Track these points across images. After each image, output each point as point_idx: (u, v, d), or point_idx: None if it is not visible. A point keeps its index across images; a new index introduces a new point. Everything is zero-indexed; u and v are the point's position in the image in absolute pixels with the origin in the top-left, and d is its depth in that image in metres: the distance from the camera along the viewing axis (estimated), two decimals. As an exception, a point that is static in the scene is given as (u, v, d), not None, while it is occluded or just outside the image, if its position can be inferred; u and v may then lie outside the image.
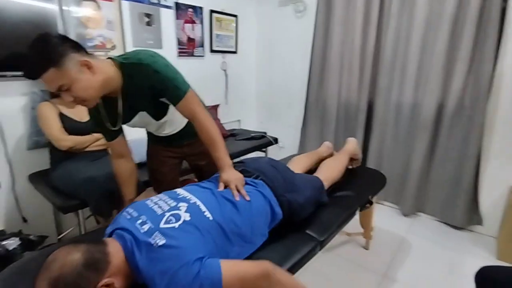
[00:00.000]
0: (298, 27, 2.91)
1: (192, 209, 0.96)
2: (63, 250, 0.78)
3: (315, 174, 1.50)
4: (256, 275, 0.84)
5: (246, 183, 1.16)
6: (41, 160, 1.83)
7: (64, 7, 1.80)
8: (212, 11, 2.74)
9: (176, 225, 0.89)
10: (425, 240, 2.10)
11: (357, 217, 1.92)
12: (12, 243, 1.44)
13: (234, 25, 3.00)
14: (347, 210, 1.43)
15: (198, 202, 0.99)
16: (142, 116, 1.21)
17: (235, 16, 2.97)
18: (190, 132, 1.36)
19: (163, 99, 1.16)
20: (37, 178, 1.77)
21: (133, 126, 1.26)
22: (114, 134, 1.24)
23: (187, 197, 1.01)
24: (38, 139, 1.81)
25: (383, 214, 2.42)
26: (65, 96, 0.97)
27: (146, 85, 1.08)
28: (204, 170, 1.50)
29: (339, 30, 2.50)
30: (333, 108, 2.67)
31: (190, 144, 1.44)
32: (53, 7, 1.75)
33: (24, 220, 1.86)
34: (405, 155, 2.38)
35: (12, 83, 1.72)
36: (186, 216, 0.92)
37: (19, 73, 1.68)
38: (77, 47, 0.97)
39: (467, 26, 1.92)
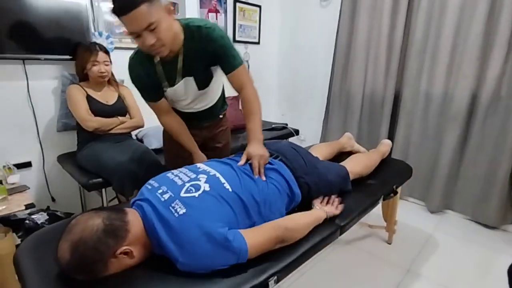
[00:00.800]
0: (323, 16, 2.84)
1: (212, 180, 0.95)
2: (85, 216, 0.79)
3: (341, 164, 1.46)
4: (275, 239, 0.91)
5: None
6: (69, 142, 1.90)
7: (95, 3, 1.89)
8: (236, 1, 2.74)
9: (196, 194, 0.88)
10: (453, 238, 1.98)
11: (380, 210, 1.86)
12: (40, 218, 1.51)
13: (258, 15, 2.98)
14: (370, 197, 1.37)
15: (218, 174, 0.98)
16: (187, 82, 1.21)
17: (258, 6, 2.96)
18: (213, 113, 1.42)
19: (214, 68, 1.21)
20: (65, 159, 1.84)
21: (170, 95, 1.26)
22: (161, 94, 1.26)
23: (207, 170, 1.01)
24: (67, 121, 1.88)
25: (408, 210, 2.32)
26: (148, 37, 0.96)
27: (206, 48, 1.11)
28: (222, 154, 1.50)
29: (366, 17, 2.42)
30: (357, 99, 2.58)
31: (209, 127, 1.47)
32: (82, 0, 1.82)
33: (53, 199, 1.95)
34: (433, 148, 2.26)
35: (45, 67, 1.80)
36: (206, 187, 0.92)
37: (52, 56, 1.77)
38: None
39: (506, 7, 1.78)
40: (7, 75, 1.68)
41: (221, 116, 1.51)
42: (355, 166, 1.47)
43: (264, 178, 1.06)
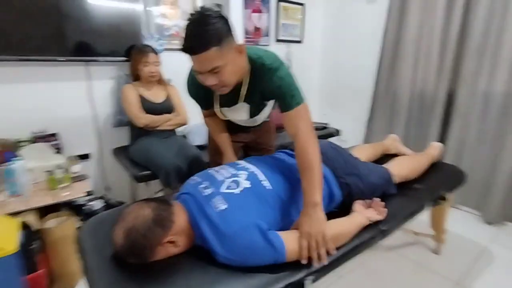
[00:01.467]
0: (369, 13, 2.73)
1: (252, 177, 0.98)
2: (137, 205, 0.86)
3: (384, 166, 1.39)
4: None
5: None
6: (123, 137, 2.07)
7: (147, 8, 2.03)
8: (279, 0, 2.74)
9: (237, 191, 0.92)
10: (513, 252, 1.79)
11: (427, 218, 1.75)
12: (96, 204, 1.67)
13: (300, 13, 2.96)
14: (415, 202, 1.30)
15: (257, 172, 1.01)
16: (241, 106, 1.19)
17: (302, 4, 2.93)
18: (259, 124, 1.45)
19: (270, 101, 1.25)
20: (119, 152, 2.01)
21: (222, 110, 1.26)
22: (207, 105, 1.28)
23: (246, 167, 1.04)
24: (121, 117, 2.05)
25: (461, 220, 2.14)
26: (209, 79, 0.93)
27: (265, 87, 1.05)
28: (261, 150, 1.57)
29: (417, 12, 2.27)
30: (405, 99, 2.44)
31: (255, 131, 1.50)
32: (139, 6, 1.97)
33: (108, 188, 2.14)
34: (492, 154, 2.05)
35: (104, 68, 1.98)
36: (246, 184, 0.94)
37: (110, 58, 1.94)
38: (231, 29, 0.93)
39: None
40: (72, 76, 1.89)
41: (267, 119, 1.52)
42: (400, 168, 1.39)
43: (321, 262, 0.86)
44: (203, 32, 0.85)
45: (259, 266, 0.82)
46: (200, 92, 1.17)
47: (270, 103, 1.30)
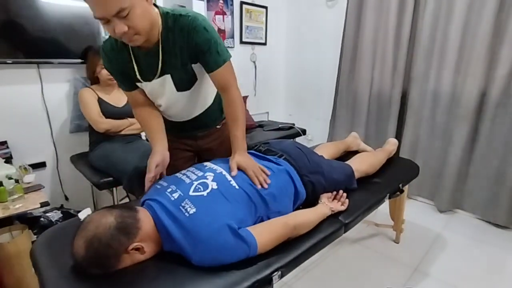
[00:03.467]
0: (329, 16, 2.85)
1: (219, 178, 0.98)
2: (99, 214, 0.83)
3: (347, 162, 1.47)
4: (283, 237, 0.95)
5: (270, 161, 1.17)
6: (82, 143, 1.96)
7: None
8: (242, 3, 2.77)
9: (205, 193, 0.92)
10: (463, 237, 1.96)
11: (387, 210, 1.86)
12: (54, 215, 1.57)
13: (264, 16, 3.01)
14: (375, 195, 1.38)
15: (224, 172, 1.01)
16: (165, 81, 1.07)
17: (265, 7, 2.98)
18: (206, 122, 1.28)
19: (196, 66, 1.06)
20: (77, 159, 1.90)
21: (147, 91, 1.12)
22: (135, 84, 1.11)
23: (214, 168, 1.04)
24: (79, 123, 1.95)
25: (417, 210, 2.30)
26: (118, 25, 0.83)
27: (188, 41, 0.97)
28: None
29: (372, 16, 2.41)
30: (365, 99, 2.58)
31: (204, 137, 1.32)
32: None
33: (66, 198, 2.02)
34: (442, 147, 2.24)
35: (58, 70, 1.87)
36: (213, 185, 0.95)
37: (65, 60, 1.83)
38: None
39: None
40: (22, 79, 1.75)
41: (218, 126, 1.33)
42: (361, 164, 1.48)
43: (266, 186, 1.03)
44: None
45: (226, 265, 0.83)
46: (118, 62, 1.04)
47: (205, 77, 1.12)
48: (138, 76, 1.05)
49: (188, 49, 1.00)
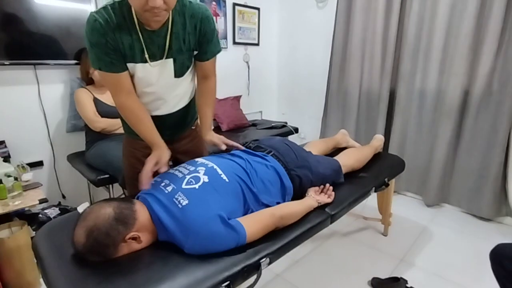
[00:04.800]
0: (320, 17, 2.92)
1: (210, 172, 1.04)
2: (98, 205, 0.89)
3: (335, 158, 1.54)
4: (271, 227, 1.01)
5: (258, 156, 1.23)
6: (78, 142, 2.01)
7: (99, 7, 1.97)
8: (235, 4, 2.83)
9: (196, 186, 0.97)
10: (449, 230, 2.04)
11: (376, 204, 1.94)
12: (52, 212, 1.62)
13: (257, 17, 3.07)
14: (361, 189, 1.45)
15: (215, 166, 1.07)
16: (165, 65, 1.06)
17: (257, 8, 3.04)
18: (184, 120, 1.28)
19: (195, 53, 1.10)
20: (74, 158, 1.95)
21: (138, 76, 1.05)
22: (126, 66, 1.02)
23: (205, 163, 1.09)
24: (75, 122, 1.99)
25: (405, 205, 2.38)
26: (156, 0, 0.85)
27: (199, 28, 1.04)
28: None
29: (360, 17, 2.49)
30: (355, 97, 2.65)
31: (180, 140, 1.30)
32: (90, 7, 1.93)
33: (63, 196, 2.06)
34: (428, 144, 2.32)
35: (54, 71, 1.91)
36: (205, 178, 1.00)
37: (61, 61, 1.88)
38: None
39: (495, 5, 1.84)
40: (20, 79, 1.80)
41: (193, 127, 1.35)
42: (348, 159, 1.55)
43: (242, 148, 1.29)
44: None
45: (217, 253, 0.88)
46: (115, 37, 0.95)
47: (192, 65, 1.15)
48: (146, 56, 1.00)
49: (196, 36, 1.05)
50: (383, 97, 2.48)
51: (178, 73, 1.10)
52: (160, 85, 1.10)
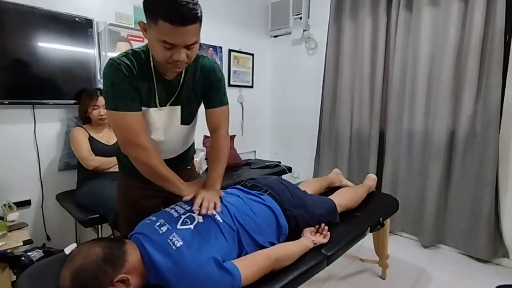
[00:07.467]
0: (310, 63, 3.10)
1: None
2: (87, 245, 0.86)
3: (330, 197, 1.54)
4: (266, 269, 0.98)
5: (254, 195, 1.23)
6: (70, 181, 1.97)
7: (102, 53, 2.07)
8: (230, 50, 3.00)
9: (192, 226, 0.96)
10: (447, 272, 1.99)
11: (372, 245, 1.90)
12: (36, 255, 1.54)
13: (251, 62, 3.24)
14: (356, 229, 1.43)
15: None
16: (173, 111, 1.10)
17: (251, 54, 3.23)
18: (183, 161, 1.28)
19: (200, 103, 1.17)
20: (64, 197, 1.90)
21: (148, 119, 1.07)
22: (140, 107, 1.04)
23: None
24: (68, 161, 1.98)
25: (402, 245, 2.34)
26: (183, 54, 0.91)
27: (205, 78, 1.11)
28: None
29: (348, 64, 2.65)
30: (346, 137, 2.73)
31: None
32: (93, 51, 2.02)
33: (48, 237, 1.97)
34: (420, 183, 2.35)
35: (52, 110, 1.94)
36: (199, 219, 0.99)
37: (59, 101, 1.92)
38: None
39: (471, 55, 2.00)
40: (16, 118, 1.81)
41: (189, 167, 1.36)
42: (342, 199, 1.55)
43: (217, 211, 1.03)
44: (194, 5, 0.87)
45: (210, 297, 0.84)
46: (135, 81, 0.99)
47: (196, 114, 1.21)
48: (157, 101, 1.05)
49: (203, 86, 1.12)
50: (373, 138, 2.56)
51: (185, 121, 1.15)
52: (168, 131, 1.13)
